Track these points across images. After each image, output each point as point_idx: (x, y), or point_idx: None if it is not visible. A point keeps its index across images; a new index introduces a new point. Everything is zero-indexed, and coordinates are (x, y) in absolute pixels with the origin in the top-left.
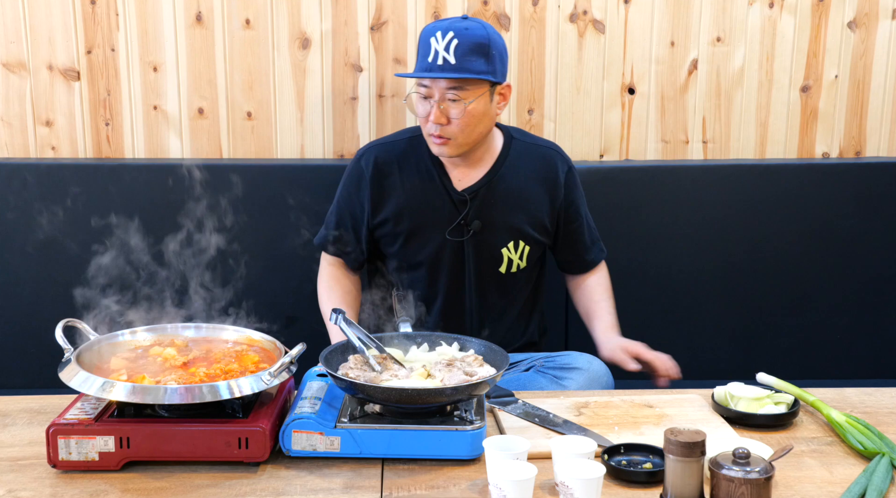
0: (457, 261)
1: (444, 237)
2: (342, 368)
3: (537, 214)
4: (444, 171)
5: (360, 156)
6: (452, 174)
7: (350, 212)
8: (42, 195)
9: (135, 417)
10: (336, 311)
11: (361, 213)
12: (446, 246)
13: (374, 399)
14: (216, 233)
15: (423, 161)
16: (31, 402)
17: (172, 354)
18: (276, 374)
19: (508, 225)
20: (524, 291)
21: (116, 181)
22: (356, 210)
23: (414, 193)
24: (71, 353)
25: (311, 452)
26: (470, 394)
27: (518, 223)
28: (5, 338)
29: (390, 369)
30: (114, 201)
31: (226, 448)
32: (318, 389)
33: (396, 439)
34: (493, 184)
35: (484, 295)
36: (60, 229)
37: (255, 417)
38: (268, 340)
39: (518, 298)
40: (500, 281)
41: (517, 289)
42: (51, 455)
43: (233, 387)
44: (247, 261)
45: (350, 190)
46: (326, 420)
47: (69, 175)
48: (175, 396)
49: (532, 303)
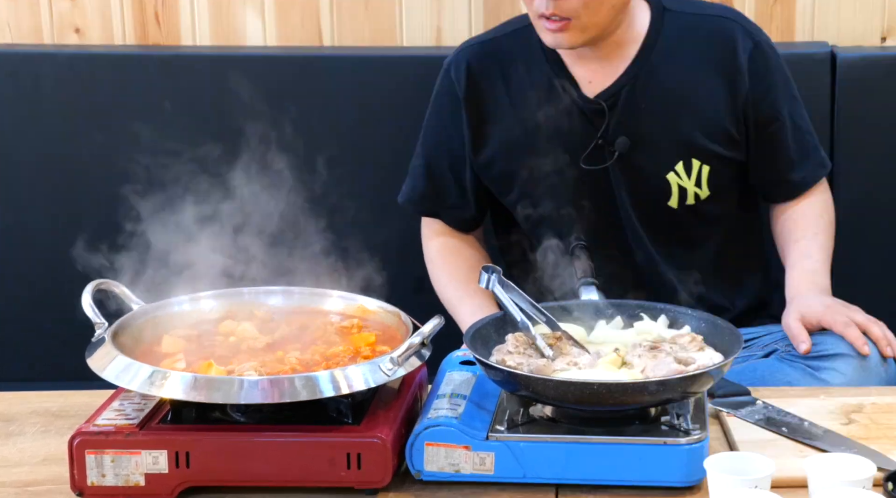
0: (603, 200)
1: (579, 167)
2: (497, 352)
3: (713, 117)
4: (567, 71)
5: (449, 65)
6: (579, 74)
7: (444, 149)
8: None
9: (197, 422)
10: (488, 269)
11: (461, 147)
12: (584, 180)
13: (543, 398)
14: (313, 155)
15: (537, 61)
16: (45, 400)
17: (251, 332)
18: (401, 360)
19: (671, 138)
20: (721, 233)
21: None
22: (453, 145)
23: (527, 110)
24: (104, 329)
25: (452, 474)
26: (685, 391)
27: (685, 133)
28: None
29: (567, 354)
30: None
31: (329, 468)
32: (462, 382)
33: (577, 457)
34: (640, 81)
35: (654, 245)
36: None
37: (370, 423)
38: (389, 311)
39: (712, 244)
40: (675, 221)
41: (707, 230)
42: (76, 478)
43: (339, 379)
44: (356, 197)
45: (440, 117)
46: (474, 428)
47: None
48: (255, 393)
49: (744, 248)
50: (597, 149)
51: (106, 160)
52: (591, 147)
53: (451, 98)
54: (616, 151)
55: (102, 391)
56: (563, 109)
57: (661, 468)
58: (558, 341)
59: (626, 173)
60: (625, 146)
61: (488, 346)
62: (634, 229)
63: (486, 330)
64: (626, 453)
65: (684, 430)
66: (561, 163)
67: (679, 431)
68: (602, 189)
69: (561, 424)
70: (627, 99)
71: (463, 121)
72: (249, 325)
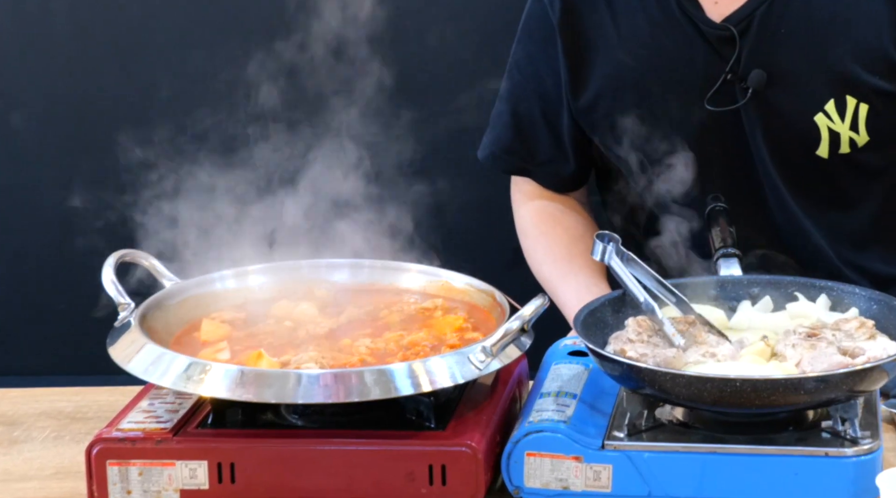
0: (734, 149)
1: (704, 109)
2: (615, 340)
3: (872, 42)
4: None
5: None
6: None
7: (535, 91)
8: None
9: (245, 427)
10: (603, 237)
11: (555, 87)
12: (710, 125)
13: (673, 397)
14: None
15: None
16: (58, 399)
17: (311, 314)
18: (495, 350)
19: (819, 70)
20: (882, 189)
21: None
22: (545, 85)
23: (638, 40)
24: (130, 311)
25: (559, 491)
26: (851, 390)
27: (837, 64)
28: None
29: (703, 343)
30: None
31: (407, 484)
32: (572, 378)
33: (714, 471)
34: (776, 1)
35: (799, 204)
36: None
37: (458, 427)
38: (481, 289)
39: (871, 203)
40: (825, 174)
41: (865, 185)
42: (95, 496)
43: (418, 374)
44: (431, 152)
45: (529, 50)
46: (587, 435)
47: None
48: (316, 390)
49: None
50: (725, 86)
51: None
52: (719, 84)
53: (542, 26)
54: (750, 88)
55: (128, 388)
56: (683, 37)
57: (822, 485)
58: (691, 327)
59: (763, 116)
60: (760, 82)
61: (604, 332)
62: (774, 185)
63: (601, 313)
64: (776, 467)
65: (851, 438)
66: (681, 104)
67: (844, 439)
68: (733, 136)
69: (695, 431)
70: (763, 23)
71: (558, 54)
72: (309, 306)
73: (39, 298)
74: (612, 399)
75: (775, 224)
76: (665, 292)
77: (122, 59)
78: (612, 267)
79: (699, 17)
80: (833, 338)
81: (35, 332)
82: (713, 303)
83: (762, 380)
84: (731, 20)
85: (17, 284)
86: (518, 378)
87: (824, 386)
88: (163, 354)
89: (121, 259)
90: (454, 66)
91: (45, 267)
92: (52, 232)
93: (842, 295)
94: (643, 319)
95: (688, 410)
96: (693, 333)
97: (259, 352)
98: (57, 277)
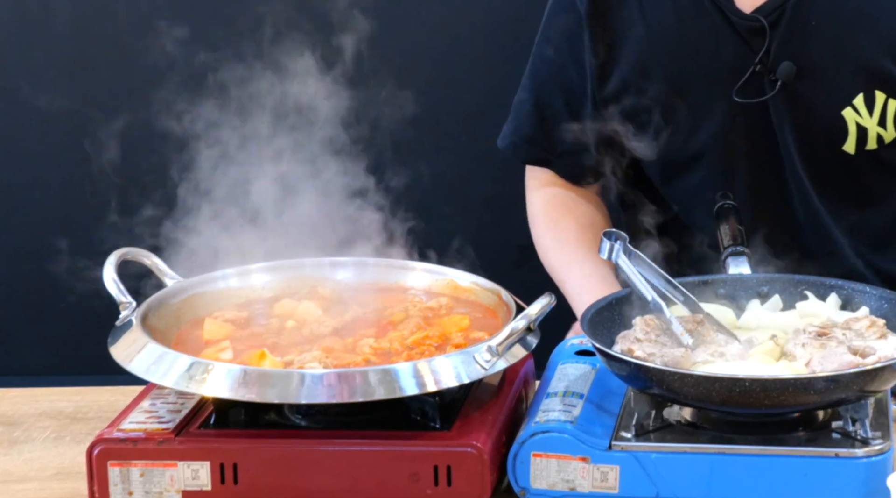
0: (761, 142)
1: (732, 100)
2: (622, 339)
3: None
4: None
5: None
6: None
7: (559, 81)
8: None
9: (248, 427)
10: (610, 235)
11: (580, 78)
12: (737, 117)
13: (681, 397)
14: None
15: None
16: (58, 399)
17: (315, 314)
18: (501, 350)
19: (849, 64)
20: None
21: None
22: (570, 73)
23: (666, 29)
24: (131, 310)
25: (565, 492)
26: (862, 390)
27: (867, 58)
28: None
29: (711, 343)
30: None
31: (411, 485)
32: (578, 377)
33: (723, 472)
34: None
35: (822, 199)
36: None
37: (464, 427)
38: (486, 287)
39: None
40: (850, 170)
41: (890, 182)
42: (96, 495)
43: (423, 374)
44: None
45: (555, 39)
46: (594, 435)
47: None
48: (320, 390)
49: None
50: (754, 77)
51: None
52: (748, 75)
53: (569, 15)
54: (779, 81)
55: (129, 388)
56: (712, 27)
57: (832, 487)
58: (699, 326)
59: (791, 109)
60: (790, 74)
61: (611, 332)
62: (799, 180)
63: (608, 312)
64: (786, 468)
65: (862, 438)
66: (708, 95)
67: (855, 439)
68: (760, 128)
69: (703, 431)
70: (794, 14)
71: (584, 44)
72: (312, 305)
73: (39, 298)
74: (620, 399)
75: (797, 220)
76: (673, 291)
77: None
78: (619, 265)
79: (729, 8)
80: (843, 337)
81: (35, 332)
82: (722, 301)
83: (771, 380)
84: (762, 11)
85: (17, 284)
86: (524, 378)
87: (834, 386)
88: (165, 353)
89: (122, 257)
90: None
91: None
92: (53, 232)
93: (852, 294)
94: (651, 318)
95: (696, 411)
96: (701, 332)
97: (262, 351)
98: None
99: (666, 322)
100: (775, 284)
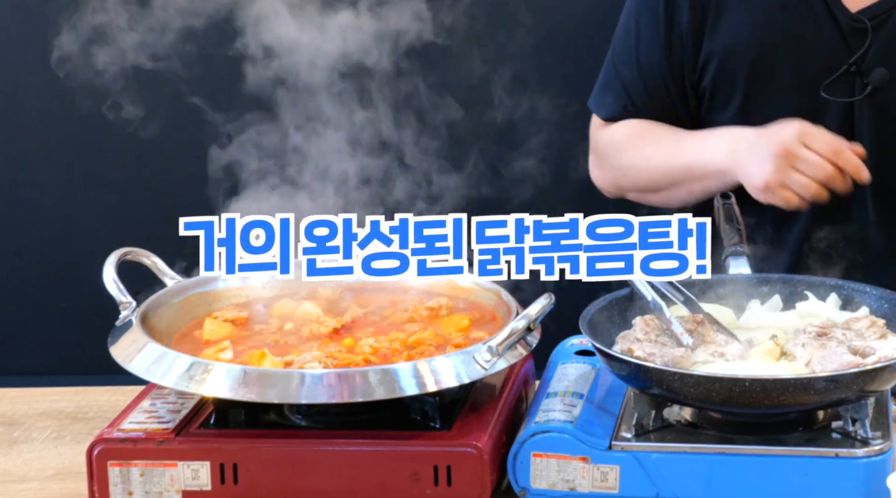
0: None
1: (818, 96)
2: (622, 339)
3: None
4: None
5: None
6: None
7: (653, 53)
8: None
9: (247, 427)
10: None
11: (681, 49)
12: (820, 113)
13: (681, 397)
14: None
15: None
16: (58, 399)
17: (315, 314)
18: (501, 350)
19: None
20: None
21: None
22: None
23: (767, 15)
24: (132, 310)
25: (565, 492)
26: (862, 390)
27: None
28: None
29: (711, 343)
30: None
31: (411, 485)
32: (578, 378)
33: (723, 472)
34: None
35: (874, 209)
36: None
37: (463, 427)
38: (486, 287)
39: None
40: None
41: None
42: (96, 495)
43: (423, 374)
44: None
45: (651, 11)
46: (594, 435)
47: None
48: (320, 390)
49: None
50: (845, 77)
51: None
52: (840, 73)
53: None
54: (869, 85)
55: (129, 388)
56: (813, 20)
57: (832, 487)
58: (699, 326)
59: (875, 115)
60: (882, 79)
61: (611, 332)
62: (872, 186)
63: (607, 311)
64: (786, 468)
65: (861, 438)
66: (793, 87)
67: (855, 439)
68: (838, 129)
69: (703, 431)
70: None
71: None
72: (312, 305)
73: (39, 298)
74: (620, 399)
75: (875, 233)
76: (673, 291)
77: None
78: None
79: (835, 4)
80: (843, 337)
81: (35, 332)
82: (722, 302)
83: (771, 380)
84: (867, 13)
85: (17, 284)
86: (524, 378)
87: (834, 386)
88: (165, 353)
89: (122, 257)
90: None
91: (45, 267)
92: (53, 232)
93: (852, 294)
94: (651, 318)
95: (696, 411)
96: (701, 332)
97: (262, 351)
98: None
99: (666, 322)
100: (775, 284)
